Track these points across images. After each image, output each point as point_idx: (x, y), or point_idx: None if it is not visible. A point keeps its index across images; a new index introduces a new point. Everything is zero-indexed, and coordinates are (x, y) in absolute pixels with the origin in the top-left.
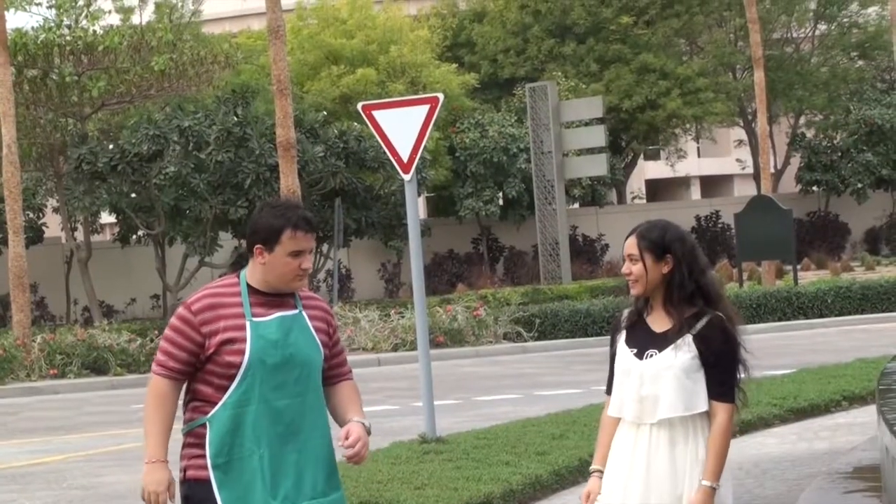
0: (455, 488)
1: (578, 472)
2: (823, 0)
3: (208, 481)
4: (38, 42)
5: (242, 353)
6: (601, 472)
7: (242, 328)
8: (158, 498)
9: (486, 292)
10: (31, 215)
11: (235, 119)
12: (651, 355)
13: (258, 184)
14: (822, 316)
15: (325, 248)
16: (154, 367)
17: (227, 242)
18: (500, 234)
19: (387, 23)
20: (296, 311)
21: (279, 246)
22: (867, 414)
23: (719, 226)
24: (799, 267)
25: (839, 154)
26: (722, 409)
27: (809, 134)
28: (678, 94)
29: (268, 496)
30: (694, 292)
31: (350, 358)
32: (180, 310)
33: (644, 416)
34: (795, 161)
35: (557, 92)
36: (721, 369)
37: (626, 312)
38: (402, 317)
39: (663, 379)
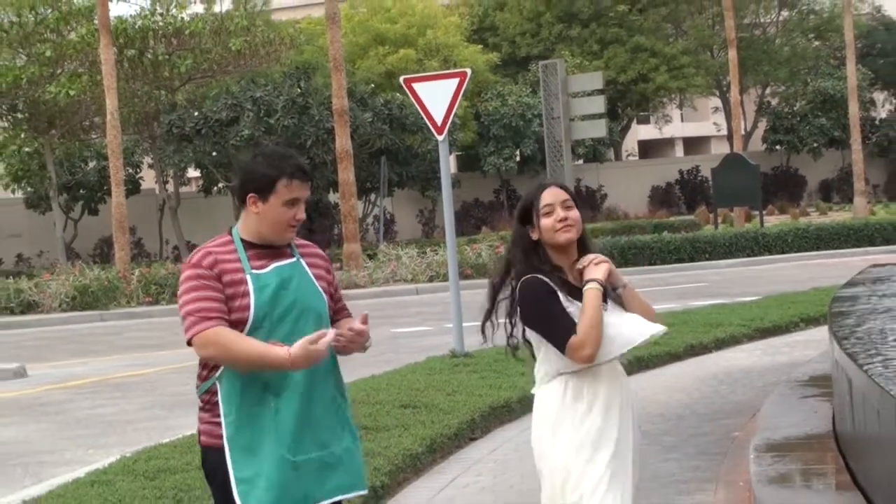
0: (480, 395)
1: None
2: None
3: (220, 449)
4: (136, 27)
5: (247, 307)
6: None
7: (244, 282)
8: (320, 354)
9: (505, 234)
10: (130, 171)
11: (299, 91)
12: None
13: (318, 144)
14: (783, 252)
15: (372, 196)
16: (192, 329)
17: None
18: (517, 185)
19: (424, 10)
20: (293, 260)
21: (274, 195)
22: (821, 333)
23: (698, 178)
24: (764, 212)
25: (798, 119)
26: None
27: (774, 102)
28: (665, 69)
29: (280, 448)
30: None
31: (392, 288)
32: (190, 270)
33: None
34: (762, 125)
35: (565, 68)
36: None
37: (541, 277)
38: (436, 254)
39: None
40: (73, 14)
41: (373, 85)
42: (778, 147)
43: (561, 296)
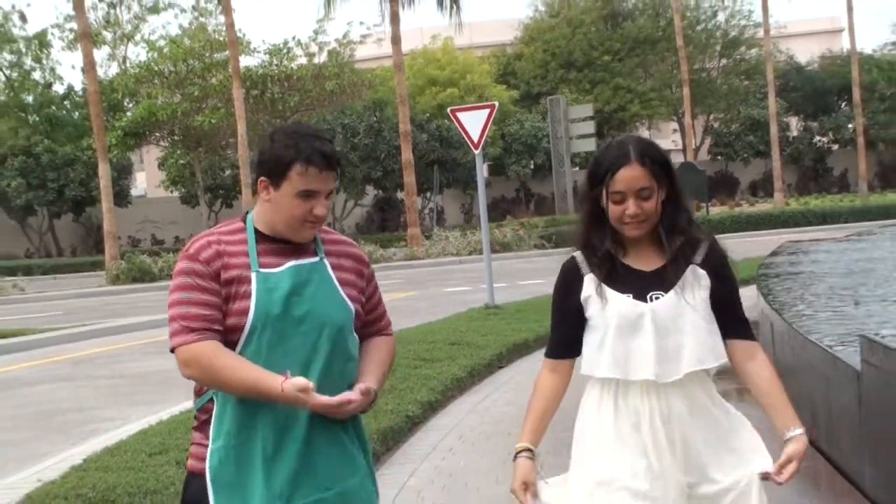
0: (505, 335)
1: None
2: (724, 45)
3: (203, 475)
4: (258, 74)
5: (245, 311)
6: (532, 452)
7: (247, 281)
8: (308, 405)
9: (523, 220)
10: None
11: (375, 118)
12: (657, 297)
13: (389, 157)
14: (723, 233)
15: (428, 194)
16: (175, 339)
17: (370, 192)
18: (532, 186)
19: (464, 61)
20: (315, 259)
21: (286, 182)
22: (751, 290)
23: None
24: (709, 203)
25: (734, 136)
26: (757, 347)
27: (716, 125)
28: (638, 102)
29: (271, 492)
30: (686, 223)
31: (442, 259)
32: (184, 263)
33: (667, 373)
34: (707, 141)
35: (566, 101)
36: (738, 302)
37: (579, 256)
38: (474, 234)
39: (683, 324)
40: (213, 65)
41: (428, 114)
42: (719, 157)
43: (588, 286)
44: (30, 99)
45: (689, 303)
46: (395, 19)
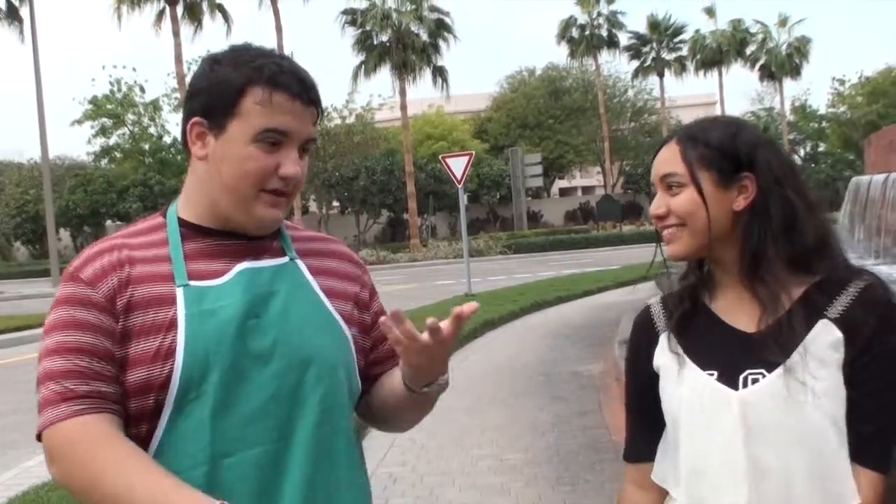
0: (479, 315)
1: (533, 308)
2: (633, 113)
3: None
4: None
5: (170, 354)
6: None
7: (169, 302)
8: None
9: (492, 234)
10: (304, 202)
11: (388, 162)
12: (755, 379)
13: (398, 189)
14: (634, 244)
15: (425, 215)
16: (46, 415)
17: (385, 214)
18: (498, 210)
19: (450, 122)
20: (282, 261)
21: (236, 121)
22: (651, 284)
23: (589, 207)
24: (622, 224)
25: (639, 176)
26: (868, 482)
27: (627, 168)
28: (572, 152)
29: None
30: (811, 250)
31: (436, 261)
32: (63, 287)
33: (762, 500)
34: (621, 180)
35: (522, 151)
36: (887, 399)
37: (657, 304)
38: (457, 244)
39: (794, 425)
40: None
41: (425, 159)
42: (629, 190)
43: (662, 347)
44: (147, 147)
45: (804, 390)
46: (403, 93)
